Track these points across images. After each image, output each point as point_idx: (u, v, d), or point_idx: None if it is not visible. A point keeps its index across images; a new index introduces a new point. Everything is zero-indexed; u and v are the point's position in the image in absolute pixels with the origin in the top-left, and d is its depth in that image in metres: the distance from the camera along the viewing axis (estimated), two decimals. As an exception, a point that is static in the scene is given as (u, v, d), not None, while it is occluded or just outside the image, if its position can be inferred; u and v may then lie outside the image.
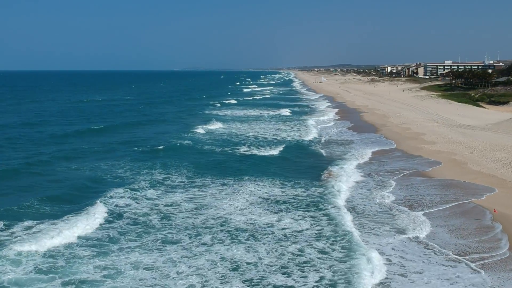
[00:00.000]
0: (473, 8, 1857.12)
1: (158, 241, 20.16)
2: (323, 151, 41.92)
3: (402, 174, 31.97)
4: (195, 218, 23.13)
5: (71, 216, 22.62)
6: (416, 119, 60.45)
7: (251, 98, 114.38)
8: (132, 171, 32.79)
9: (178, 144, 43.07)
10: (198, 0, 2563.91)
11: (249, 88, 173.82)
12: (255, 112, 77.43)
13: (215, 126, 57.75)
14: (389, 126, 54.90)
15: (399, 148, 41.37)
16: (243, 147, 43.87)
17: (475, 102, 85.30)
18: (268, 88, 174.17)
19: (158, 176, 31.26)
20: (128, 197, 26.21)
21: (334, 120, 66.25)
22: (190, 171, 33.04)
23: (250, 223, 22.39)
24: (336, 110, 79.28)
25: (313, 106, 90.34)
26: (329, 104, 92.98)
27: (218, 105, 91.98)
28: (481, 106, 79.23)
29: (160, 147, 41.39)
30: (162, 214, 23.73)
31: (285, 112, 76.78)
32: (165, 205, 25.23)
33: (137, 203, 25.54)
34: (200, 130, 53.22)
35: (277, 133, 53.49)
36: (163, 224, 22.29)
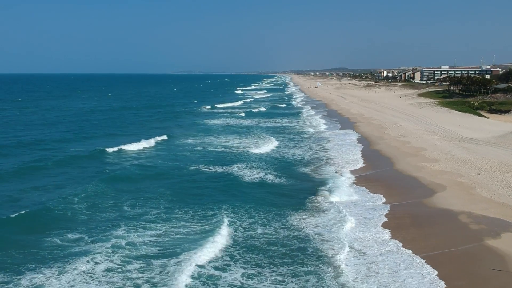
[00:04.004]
0: (470, 11, 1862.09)
1: None
2: (309, 172, 38.01)
3: (400, 204, 28.09)
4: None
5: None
6: (415, 130, 56.59)
7: (266, 106, 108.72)
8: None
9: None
10: (192, 3, 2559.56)
11: (258, 94, 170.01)
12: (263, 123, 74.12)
13: (270, 146, 49.82)
14: (387, 139, 50.98)
15: (397, 167, 37.41)
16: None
17: (475, 110, 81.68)
18: (272, 94, 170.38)
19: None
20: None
21: (329, 130, 62.40)
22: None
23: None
24: (331, 120, 75.47)
25: (308, 114, 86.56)
26: (324, 113, 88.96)
27: (242, 114, 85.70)
28: (482, 115, 75.58)
29: (215, 172, 36.39)
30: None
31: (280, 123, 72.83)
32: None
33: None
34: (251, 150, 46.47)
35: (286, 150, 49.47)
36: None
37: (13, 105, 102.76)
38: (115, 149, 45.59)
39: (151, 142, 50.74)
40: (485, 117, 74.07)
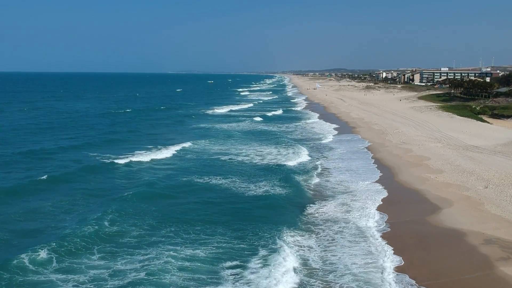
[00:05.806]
0: (468, 12, 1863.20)
1: None
2: (310, 184, 36.25)
3: (403, 221, 26.36)
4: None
5: None
6: (417, 137, 54.85)
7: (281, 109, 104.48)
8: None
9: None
10: (192, 4, 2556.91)
11: (264, 96, 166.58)
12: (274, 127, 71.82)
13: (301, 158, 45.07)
14: (388, 146, 49.29)
15: (399, 178, 35.70)
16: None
17: (476, 115, 79.99)
18: (278, 96, 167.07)
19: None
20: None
21: (333, 137, 60.37)
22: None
23: None
24: (330, 125, 73.72)
25: (307, 119, 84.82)
26: (326, 116, 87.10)
27: (259, 119, 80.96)
28: (485, 121, 73.90)
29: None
30: None
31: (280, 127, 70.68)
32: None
33: None
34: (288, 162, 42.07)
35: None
36: None
37: (10, 107, 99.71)
38: (126, 160, 40.71)
39: (171, 151, 45.84)
40: (488, 122, 72.44)
